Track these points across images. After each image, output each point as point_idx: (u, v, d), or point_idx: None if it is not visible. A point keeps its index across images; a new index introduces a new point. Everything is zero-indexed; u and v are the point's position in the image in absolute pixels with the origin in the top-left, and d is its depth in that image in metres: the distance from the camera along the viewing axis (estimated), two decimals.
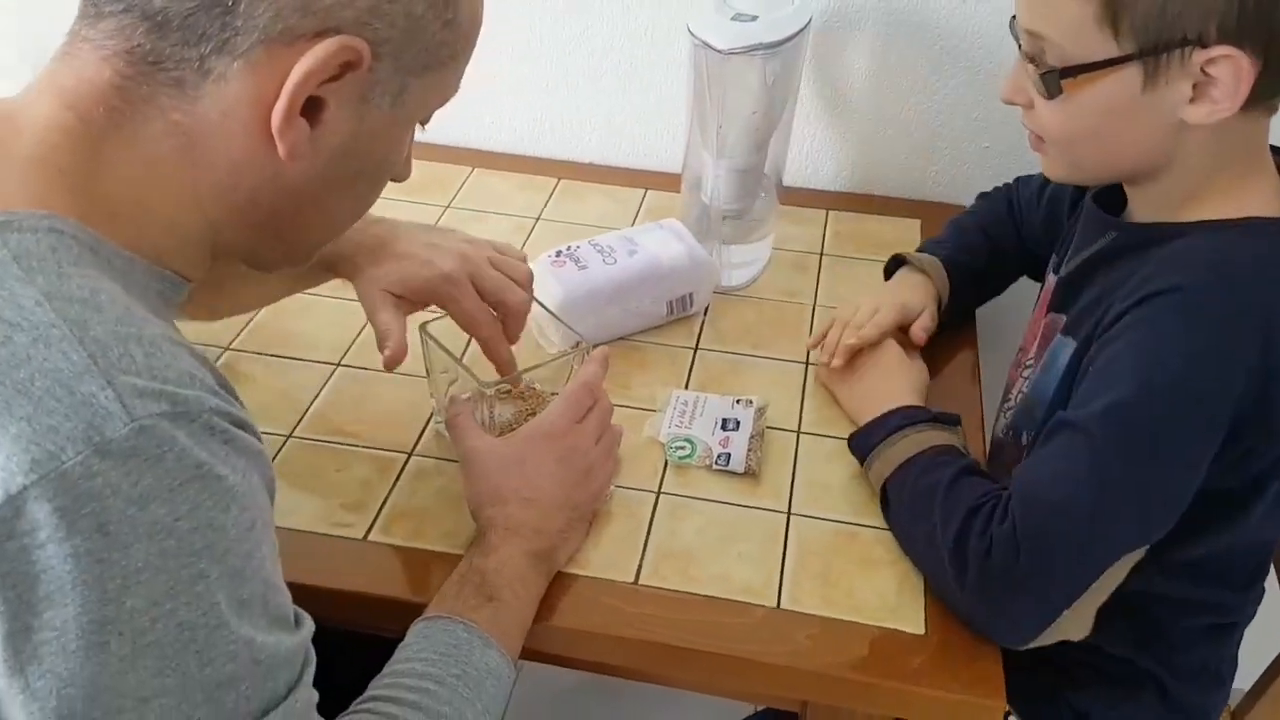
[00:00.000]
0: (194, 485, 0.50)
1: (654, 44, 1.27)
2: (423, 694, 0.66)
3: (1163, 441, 0.72)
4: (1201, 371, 0.71)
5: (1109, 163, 0.80)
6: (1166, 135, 0.75)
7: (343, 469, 0.89)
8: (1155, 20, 0.69)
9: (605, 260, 1.03)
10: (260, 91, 0.56)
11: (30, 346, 0.48)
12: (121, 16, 0.55)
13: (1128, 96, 0.73)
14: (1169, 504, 0.73)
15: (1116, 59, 0.71)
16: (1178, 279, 0.73)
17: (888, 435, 0.84)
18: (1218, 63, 0.69)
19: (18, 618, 0.47)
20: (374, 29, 0.57)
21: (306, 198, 0.63)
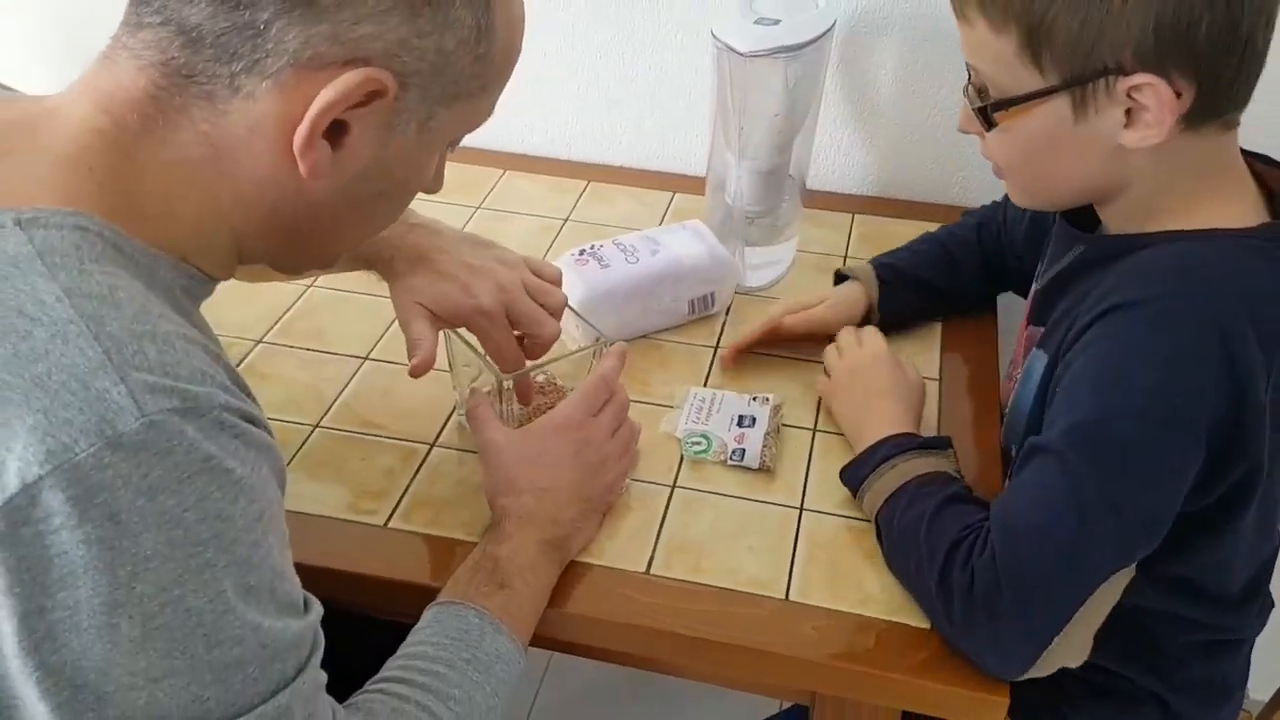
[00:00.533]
0: (202, 478, 0.51)
1: (682, 50, 1.29)
2: (433, 676, 0.68)
3: (1135, 456, 0.70)
4: (1168, 384, 0.70)
5: (1059, 188, 0.82)
6: (1110, 160, 0.75)
7: (366, 458, 0.92)
8: (1074, 52, 0.70)
9: (628, 259, 1.05)
10: (286, 112, 0.58)
11: (49, 341, 0.50)
12: (159, 29, 0.57)
13: (1061, 126, 0.74)
14: (1150, 521, 0.72)
15: (1042, 91, 0.73)
16: (1139, 292, 0.73)
17: (875, 467, 0.83)
18: (1141, 89, 0.70)
19: (32, 599, 0.48)
20: (402, 61, 0.59)
21: (327, 213, 0.64)
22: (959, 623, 0.72)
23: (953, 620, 0.73)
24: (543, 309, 0.89)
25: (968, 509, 0.77)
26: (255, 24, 0.55)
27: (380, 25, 0.57)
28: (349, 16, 0.56)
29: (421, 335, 0.86)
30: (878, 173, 1.33)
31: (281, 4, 0.55)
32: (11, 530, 0.47)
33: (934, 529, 0.75)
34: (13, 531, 0.47)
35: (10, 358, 0.49)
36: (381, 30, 0.57)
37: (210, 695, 0.53)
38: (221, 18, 0.55)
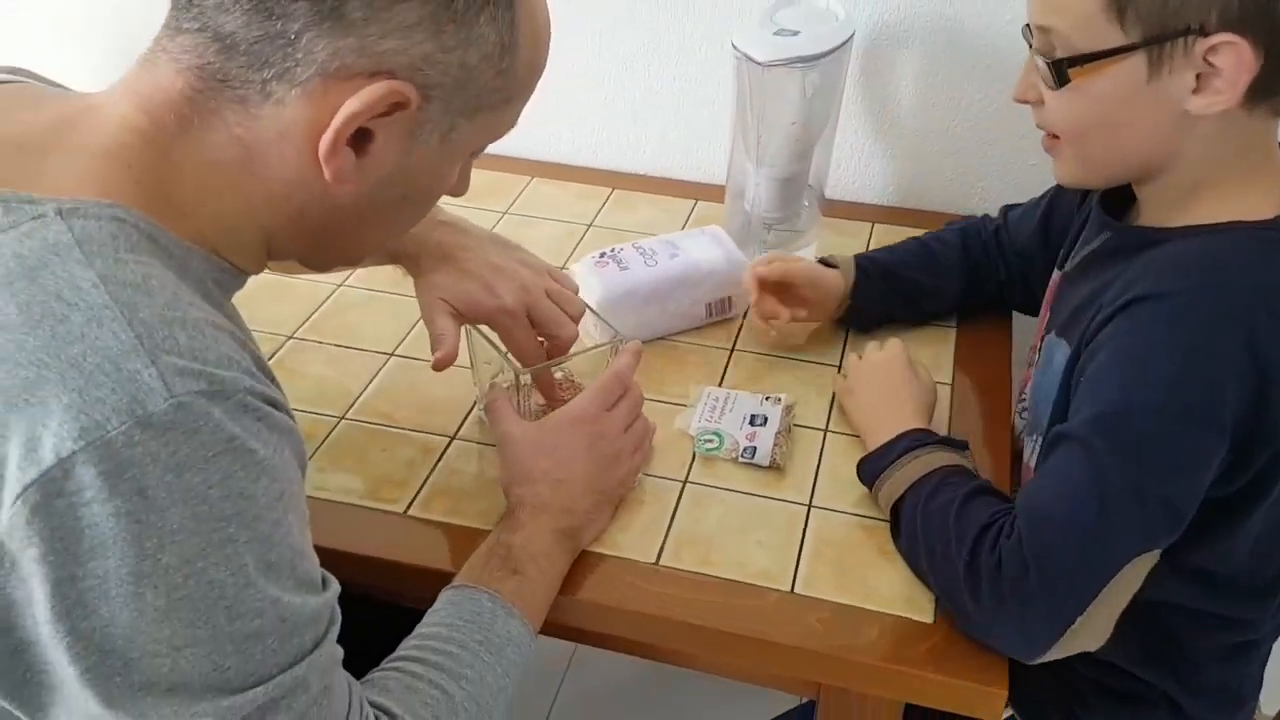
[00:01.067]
0: (226, 457, 0.54)
1: (705, 62, 1.32)
2: (446, 656, 0.71)
3: (1156, 447, 0.72)
4: (1189, 376, 0.72)
5: (1117, 156, 0.82)
6: (1172, 127, 0.76)
7: (389, 449, 0.95)
8: (1160, 9, 0.72)
9: (646, 262, 1.07)
10: (314, 118, 0.60)
11: (85, 325, 0.52)
12: (197, 35, 0.59)
13: (1133, 86, 0.75)
14: (1171, 509, 0.73)
15: (1122, 48, 0.74)
16: (1162, 285, 0.75)
17: (897, 458, 0.85)
18: (1220, 51, 0.71)
19: (64, 567, 0.51)
20: (426, 74, 0.61)
21: (352, 215, 0.67)
22: (987, 605, 0.74)
23: (980, 602, 0.75)
24: (563, 313, 0.92)
25: (994, 499, 0.79)
26: (286, 34, 0.58)
27: (405, 40, 0.59)
28: (376, 31, 0.59)
29: (445, 331, 0.89)
30: (897, 183, 1.35)
31: (312, 16, 0.58)
32: (46, 502, 0.50)
33: (963, 516, 0.77)
34: (47, 503, 0.50)
35: (48, 340, 0.51)
36: (406, 45, 0.59)
37: (230, 664, 0.55)
38: (255, 27, 0.58)
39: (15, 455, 0.50)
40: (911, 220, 1.31)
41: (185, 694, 0.54)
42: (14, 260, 0.53)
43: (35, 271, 0.53)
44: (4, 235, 0.54)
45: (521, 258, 0.94)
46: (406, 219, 0.74)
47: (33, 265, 0.53)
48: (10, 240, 0.54)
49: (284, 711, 0.57)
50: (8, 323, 0.52)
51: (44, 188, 0.57)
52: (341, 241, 0.71)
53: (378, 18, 0.58)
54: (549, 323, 0.92)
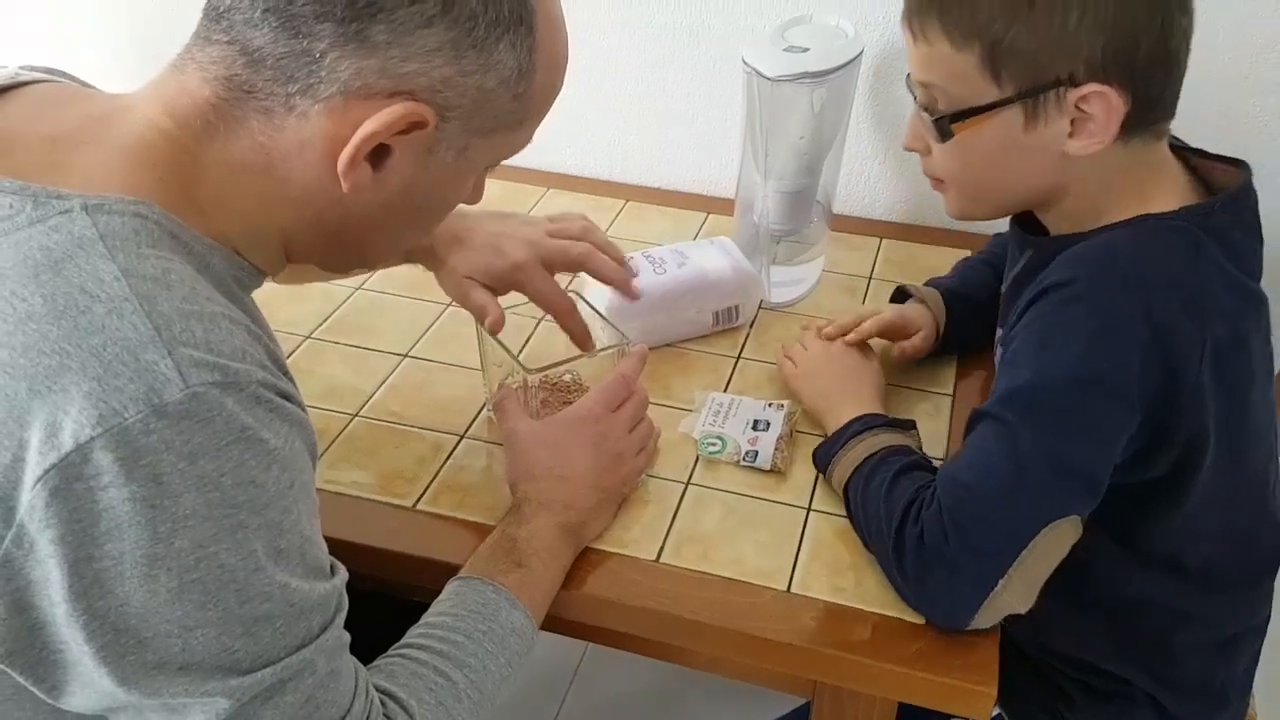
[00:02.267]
0: (238, 446, 0.56)
1: (719, 77, 1.35)
2: (451, 645, 0.73)
3: (1066, 414, 0.76)
4: (1093, 350, 0.76)
5: (1003, 197, 0.87)
6: (1053, 167, 0.81)
7: (400, 446, 0.97)
8: (1030, 64, 0.76)
9: (656, 270, 1.10)
10: (335, 132, 0.62)
11: (105, 317, 0.54)
12: (226, 47, 0.62)
13: (1012, 135, 0.79)
14: (1083, 474, 0.76)
15: (998, 102, 0.78)
16: (1066, 274, 0.79)
17: (845, 443, 0.89)
18: (1090, 99, 0.76)
19: (81, 548, 0.53)
20: (445, 96, 0.63)
21: (369, 224, 0.69)
22: (911, 575, 0.78)
23: (905, 573, 0.79)
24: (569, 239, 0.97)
25: (923, 474, 0.83)
26: (312, 53, 0.60)
27: (426, 64, 0.62)
28: (398, 54, 0.61)
29: (484, 301, 0.93)
30: (905, 200, 1.37)
31: (337, 38, 0.60)
32: (65, 485, 0.52)
33: (893, 491, 0.81)
34: (66, 487, 0.52)
35: (71, 330, 0.53)
36: (427, 68, 0.62)
37: (239, 646, 0.57)
38: (282, 44, 0.61)
39: (36, 440, 0.52)
40: (919, 237, 1.33)
41: (196, 673, 0.57)
42: (40, 253, 0.55)
43: (60, 264, 0.55)
44: (33, 229, 0.56)
45: (519, 219, 0.99)
46: (420, 227, 0.77)
47: (58, 258, 0.55)
48: (38, 234, 0.56)
49: (291, 693, 0.60)
50: (33, 312, 0.54)
51: (72, 183, 0.59)
52: (357, 246, 0.73)
53: (401, 41, 0.61)
54: (559, 254, 0.96)
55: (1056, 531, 0.76)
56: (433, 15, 0.61)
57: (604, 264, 1.00)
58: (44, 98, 0.66)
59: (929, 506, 0.78)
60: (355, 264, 0.81)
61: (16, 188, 0.58)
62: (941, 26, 0.78)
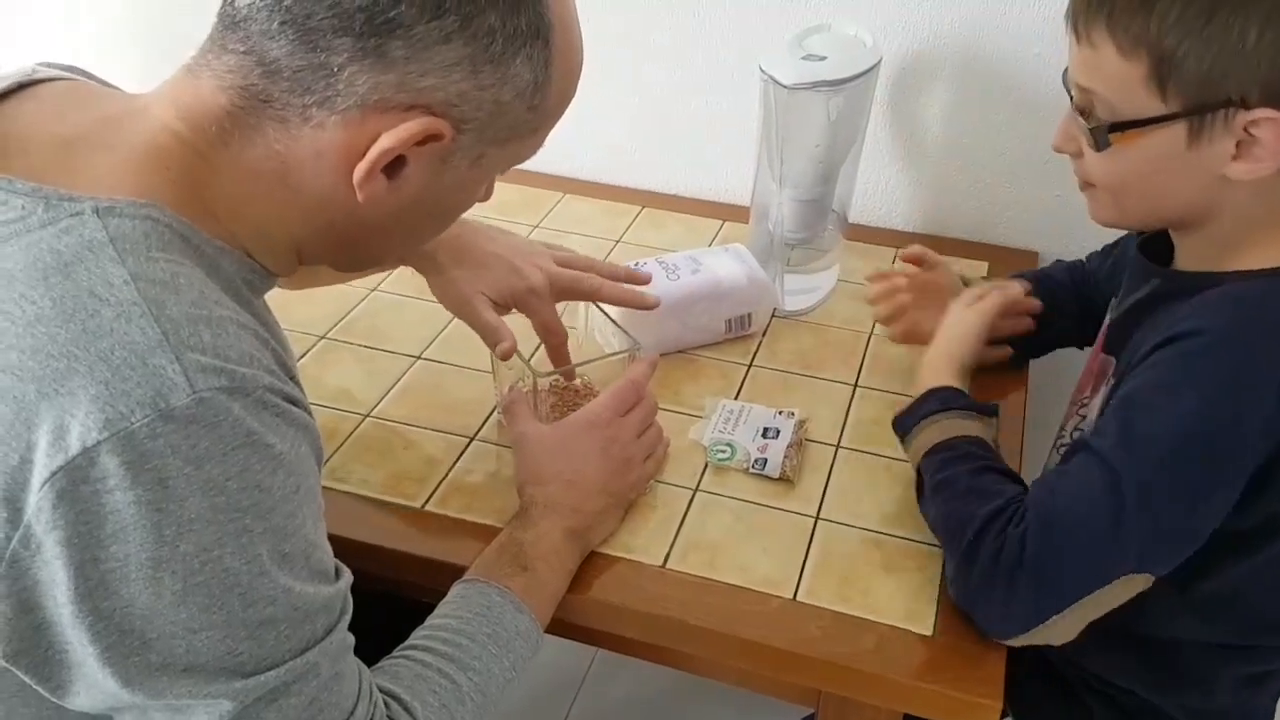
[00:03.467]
0: (244, 450, 0.56)
1: (737, 85, 1.35)
2: (455, 647, 0.73)
3: (1174, 475, 0.74)
4: (1213, 410, 0.73)
5: (1153, 211, 0.83)
6: (1210, 188, 0.77)
7: (410, 447, 0.98)
8: (1201, 82, 0.72)
9: (669, 276, 1.10)
10: (350, 143, 0.62)
11: (114, 320, 0.54)
12: (242, 57, 0.61)
13: (1173, 152, 0.76)
14: (1175, 539, 0.75)
15: (1163, 117, 0.74)
16: (1201, 323, 0.76)
17: (924, 418, 0.87)
18: (1260, 124, 0.72)
19: (87, 550, 0.53)
20: (461, 110, 0.63)
21: (380, 230, 0.69)
22: (975, 582, 0.77)
23: (969, 579, 0.78)
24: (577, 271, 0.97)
25: (1004, 480, 0.82)
26: (330, 66, 0.60)
27: (444, 79, 0.61)
28: (416, 69, 0.61)
29: (495, 323, 0.93)
30: (922, 211, 1.37)
31: (355, 52, 0.60)
32: (72, 488, 0.52)
33: (973, 494, 0.80)
34: (73, 489, 0.52)
35: (79, 334, 0.54)
36: (445, 83, 0.62)
37: (243, 649, 0.58)
38: (299, 56, 0.60)
39: (44, 442, 0.52)
40: (935, 248, 1.31)
41: (199, 675, 0.57)
42: (51, 256, 0.56)
43: (70, 267, 0.55)
44: (44, 231, 0.57)
45: (526, 240, 1.00)
46: (432, 232, 0.77)
47: (68, 261, 0.56)
48: (49, 236, 0.56)
49: (295, 695, 0.60)
50: (42, 315, 0.54)
51: (84, 185, 0.59)
52: (368, 250, 0.74)
53: (419, 57, 0.60)
54: (575, 284, 0.97)
55: (1127, 583, 0.75)
56: (451, 31, 0.60)
57: (617, 291, 1.00)
58: (60, 97, 0.66)
59: (1015, 525, 0.76)
60: (367, 265, 0.81)
61: (29, 189, 0.58)
62: (1109, 32, 0.74)
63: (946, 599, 0.82)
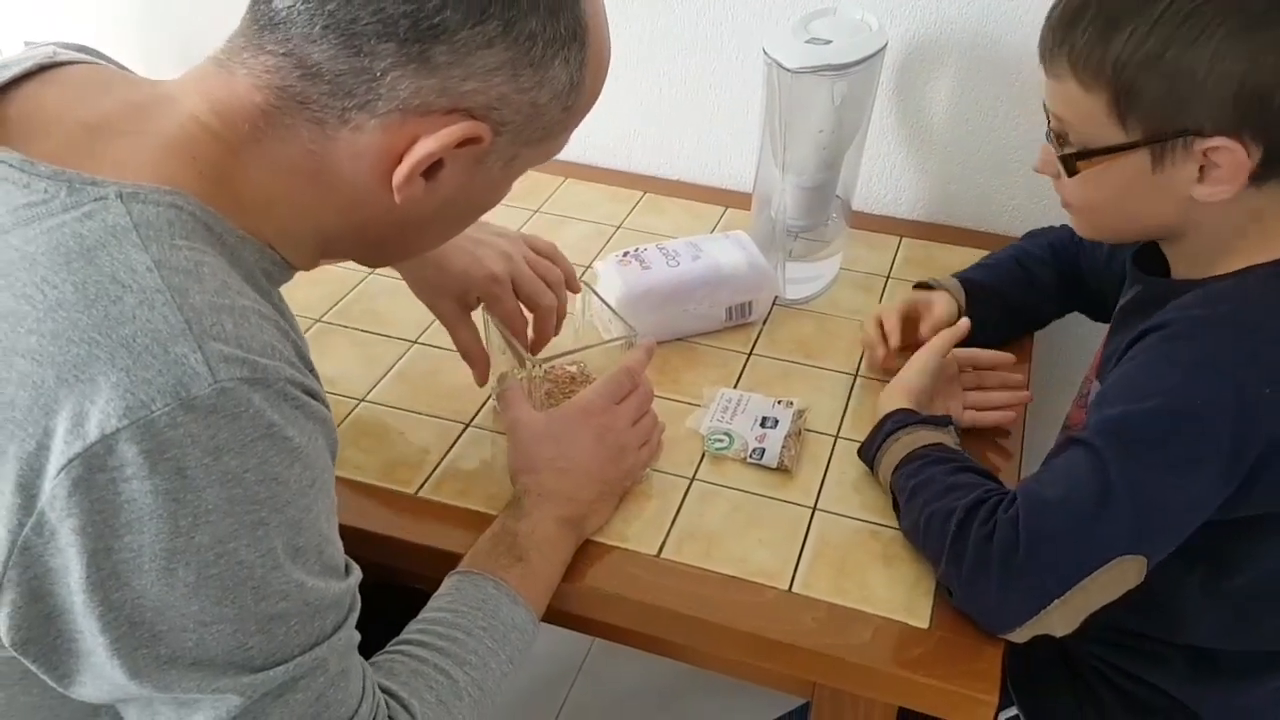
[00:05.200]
0: (263, 442, 0.55)
1: (741, 71, 1.34)
2: (451, 641, 0.72)
3: (1155, 448, 0.75)
4: (1187, 387, 0.75)
5: (1129, 228, 0.87)
6: (1179, 207, 0.80)
7: (405, 433, 0.97)
8: (1159, 113, 0.76)
9: (669, 262, 1.09)
10: (389, 146, 0.62)
11: (137, 307, 0.53)
12: (281, 58, 0.61)
13: (1139, 177, 0.79)
14: (1165, 516, 0.75)
15: (1124, 145, 0.78)
16: (1172, 315, 0.79)
17: (886, 438, 0.89)
18: (1218, 151, 0.75)
19: (101, 539, 0.52)
20: (500, 113, 0.63)
21: (412, 229, 0.70)
22: (967, 571, 0.77)
23: (961, 568, 0.77)
24: (542, 281, 0.95)
25: (980, 476, 0.83)
26: (372, 70, 0.60)
27: (485, 83, 0.62)
28: (459, 74, 0.61)
29: (469, 346, 0.93)
30: (927, 199, 1.35)
31: (399, 57, 0.60)
32: (88, 475, 0.51)
33: (954, 490, 0.81)
34: (89, 477, 0.52)
35: (101, 320, 0.53)
36: (485, 87, 0.62)
37: (254, 644, 0.57)
38: (341, 61, 0.60)
39: (62, 429, 0.52)
40: (940, 236, 1.31)
41: (209, 669, 0.56)
42: (74, 240, 0.55)
43: (93, 252, 0.55)
44: (66, 215, 0.56)
45: (495, 230, 0.97)
46: (458, 228, 0.77)
47: (91, 246, 0.55)
48: (72, 220, 0.56)
49: (302, 690, 0.59)
50: (63, 300, 0.53)
51: (108, 170, 0.58)
52: (397, 247, 0.74)
53: (462, 62, 0.61)
54: (531, 290, 0.95)
55: (1121, 567, 0.75)
56: (494, 36, 0.61)
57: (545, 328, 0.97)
58: (83, 80, 0.65)
59: (1005, 510, 0.77)
60: (388, 261, 0.82)
61: (52, 173, 0.57)
62: (1070, 66, 0.78)
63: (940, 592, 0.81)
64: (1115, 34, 0.75)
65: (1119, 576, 0.75)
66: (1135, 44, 0.74)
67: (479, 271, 0.92)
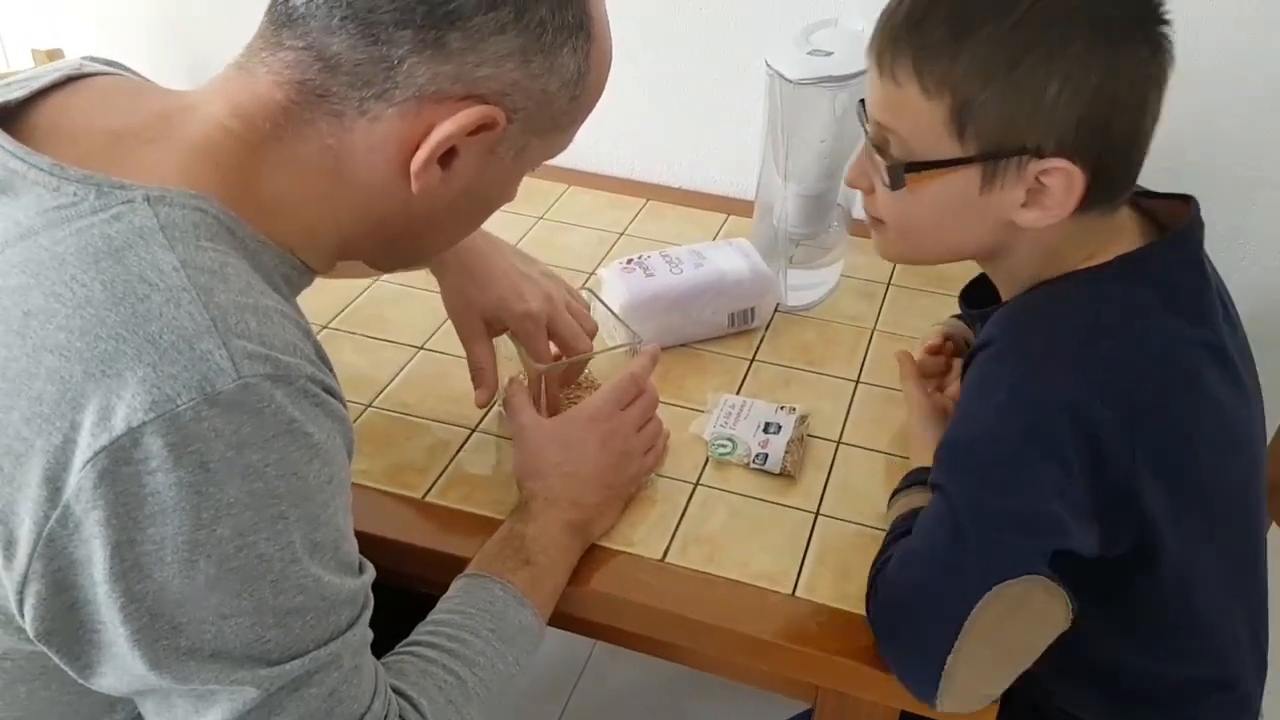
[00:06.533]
0: (284, 438, 0.57)
1: (743, 80, 1.34)
2: (459, 643, 0.73)
3: (989, 465, 0.74)
4: (1017, 401, 0.74)
5: (942, 249, 0.85)
6: (998, 231, 0.78)
7: (412, 438, 0.98)
8: (999, 128, 0.73)
9: (672, 270, 1.10)
10: (406, 135, 0.64)
11: (163, 305, 0.55)
12: (301, 52, 0.63)
13: (965, 195, 0.76)
14: (1021, 526, 0.72)
15: (958, 160, 0.74)
16: (991, 332, 0.79)
17: (891, 499, 0.89)
18: (1051, 174, 0.73)
19: (125, 530, 0.54)
20: (512, 99, 0.65)
21: (428, 223, 0.71)
22: (878, 639, 0.78)
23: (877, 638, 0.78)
24: (579, 328, 0.97)
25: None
26: (390, 59, 0.62)
27: (498, 69, 0.64)
28: (473, 60, 0.63)
29: (483, 363, 0.94)
30: None
31: (416, 44, 0.62)
32: (114, 468, 0.53)
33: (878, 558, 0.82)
34: (115, 469, 0.53)
35: (129, 317, 0.54)
36: (499, 73, 0.64)
37: (271, 637, 0.58)
38: (360, 50, 0.62)
39: (89, 422, 0.53)
40: None
41: (226, 661, 0.57)
42: (102, 241, 0.56)
43: (121, 252, 0.56)
44: (95, 217, 0.57)
45: (543, 270, 0.99)
46: (470, 224, 0.78)
47: (119, 246, 0.56)
48: (100, 222, 0.57)
49: (316, 685, 0.60)
50: (92, 298, 0.55)
51: (135, 175, 0.60)
52: (411, 244, 0.75)
53: (476, 48, 0.63)
54: (567, 335, 0.96)
55: (1009, 594, 0.70)
56: (506, 23, 0.63)
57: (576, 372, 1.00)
58: (110, 90, 0.67)
59: (880, 572, 0.78)
60: (407, 262, 0.83)
61: (81, 176, 0.59)
62: (915, 71, 0.74)
63: None
64: (968, 37, 0.71)
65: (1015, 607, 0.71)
66: (988, 50, 0.71)
67: (518, 305, 0.94)
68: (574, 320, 0.97)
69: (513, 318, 0.94)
